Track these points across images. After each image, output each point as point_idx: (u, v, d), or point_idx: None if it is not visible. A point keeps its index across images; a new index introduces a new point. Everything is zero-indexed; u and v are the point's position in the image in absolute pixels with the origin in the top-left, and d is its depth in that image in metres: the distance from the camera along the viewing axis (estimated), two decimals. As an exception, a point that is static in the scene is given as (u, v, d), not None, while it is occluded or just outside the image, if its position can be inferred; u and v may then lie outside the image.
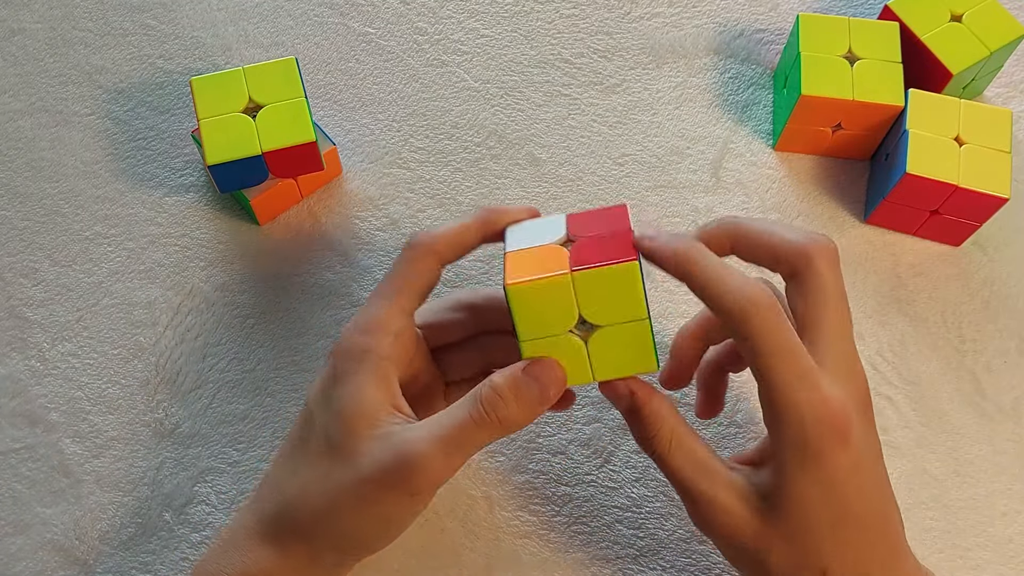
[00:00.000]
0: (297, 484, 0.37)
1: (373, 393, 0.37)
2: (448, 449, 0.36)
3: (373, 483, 0.36)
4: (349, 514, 0.37)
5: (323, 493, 0.37)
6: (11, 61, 0.59)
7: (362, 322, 0.38)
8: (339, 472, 0.36)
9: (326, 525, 0.37)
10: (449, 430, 0.36)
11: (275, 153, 0.49)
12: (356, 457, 0.36)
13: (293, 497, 0.37)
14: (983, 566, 0.46)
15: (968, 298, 0.52)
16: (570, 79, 0.58)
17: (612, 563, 0.45)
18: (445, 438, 0.36)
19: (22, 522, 0.46)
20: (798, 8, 0.61)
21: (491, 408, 0.36)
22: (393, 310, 0.38)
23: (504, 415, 0.36)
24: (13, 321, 0.51)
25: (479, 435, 0.36)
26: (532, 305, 0.35)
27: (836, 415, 0.35)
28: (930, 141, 0.50)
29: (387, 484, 0.36)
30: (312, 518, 0.37)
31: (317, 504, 0.37)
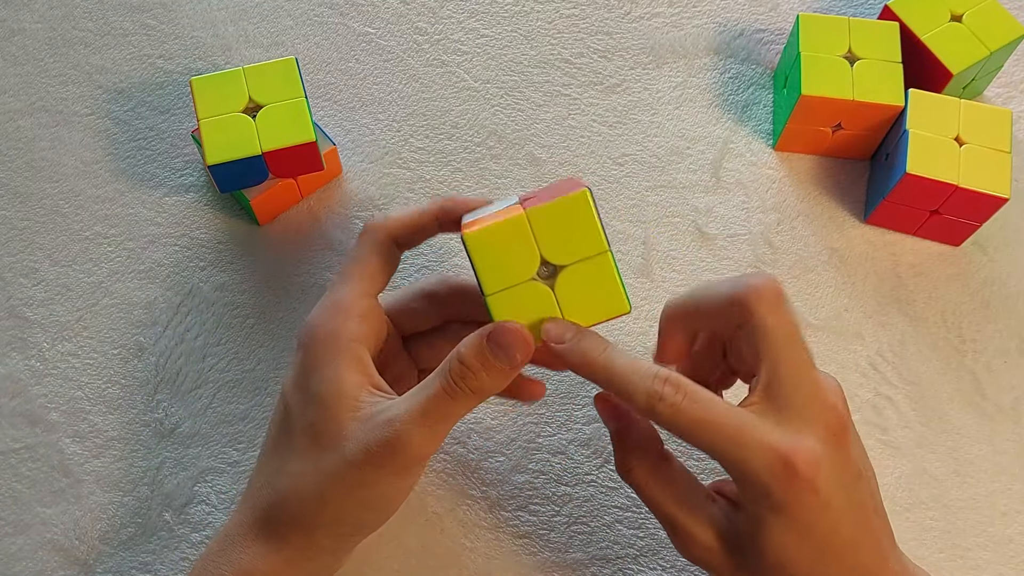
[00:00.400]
0: (286, 476, 0.37)
1: (349, 376, 0.37)
2: (429, 422, 0.36)
3: (361, 466, 0.36)
4: (342, 499, 0.37)
5: (314, 482, 0.37)
6: (11, 61, 0.59)
7: (327, 305, 0.39)
8: (327, 459, 0.36)
9: (320, 513, 0.37)
10: (427, 403, 0.36)
11: (275, 153, 0.49)
12: (341, 442, 0.36)
13: (284, 489, 0.37)
14: (983, 566, 0.46)
15: (968, 298, 0.52)
16: (570, 79, 0.58)
17: (612, 563, 0.45)
18: (425, 412, 0.36)
19: (22, 522, 0.46)
20: (798, 8, 0.61)
21: (461, 380, 0.36)
22: (355, 292, 0.39)
23: (475, 386, 0.36)
24: (13, 321, 0.51)
25: (455, 407, 0.36)
26: (492, 251, 0.36)
27: (793, 460, 0.34)
28: (930, 141, 0.50)
29: (376, 465, 0.36)
30: (305, 508, 0.37)
31: (309, 494, 0.37)
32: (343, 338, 0.38)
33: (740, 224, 0.54)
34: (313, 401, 0.37)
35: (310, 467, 0.37)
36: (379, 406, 0.36)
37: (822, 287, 0.52)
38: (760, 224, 0.54)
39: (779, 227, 0.54)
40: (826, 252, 0.53)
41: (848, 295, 0.52)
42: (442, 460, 0.47)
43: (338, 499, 0.37)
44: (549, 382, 0.49)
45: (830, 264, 0.53)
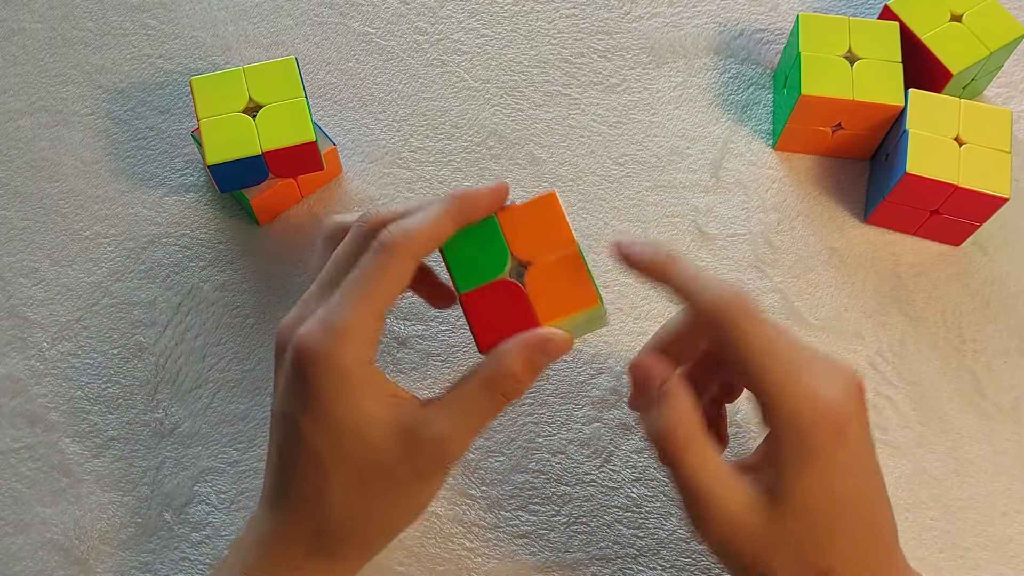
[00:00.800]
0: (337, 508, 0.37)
1: (373, 402, 0.37)
2: (472, 433, 0.38)
3: (412, 485, 0.38)
4: (396, 518, 0.39)
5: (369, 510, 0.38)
6: (11, 61, 0.59)
7: (340, 328, 0.36)
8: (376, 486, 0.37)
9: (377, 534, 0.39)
10: (472, 418, 0.37)
11: (275, 153, 0.49)
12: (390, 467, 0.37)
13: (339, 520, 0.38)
14: (983, 566, 0.46)
15: (968, 298, 0.52)
16: (570, 79, 0.58)
17: (612, 563, 0.45)
18: (473, 429, 0.37)
19: (22, 522, 0.46)
20: (798, 8, 0.61)
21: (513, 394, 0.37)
22: (369, 317, 0.36)
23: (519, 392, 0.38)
24: (13, 321, 0.51)
25: (495, 415, 0.38)
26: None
27: (832, 409, 0.35)
28: (930, 141, 0.50)
29: (426, 480, 0.38)
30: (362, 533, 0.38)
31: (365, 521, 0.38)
32: (357, 367, 0.36)
33: (740, 224, 0.54)
34: (343, 436, 0.37)
35: (359, 495, 0.37)
36: (414, 419, 0.37)
37: (822, 287, 0.52)
38: (760, 224, 0.54)
39: (779, 227, 0.54)
40: (826, 252, 0.53)
41: (848, 295, 0.52)
42: (442, 460, 0.47)
43: (390, 515, 0.38)
44: (548, 382, 0.49)
45: (830, 264, 0.53)
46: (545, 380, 0.49)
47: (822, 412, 0.35)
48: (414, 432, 0.37)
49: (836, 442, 0.35)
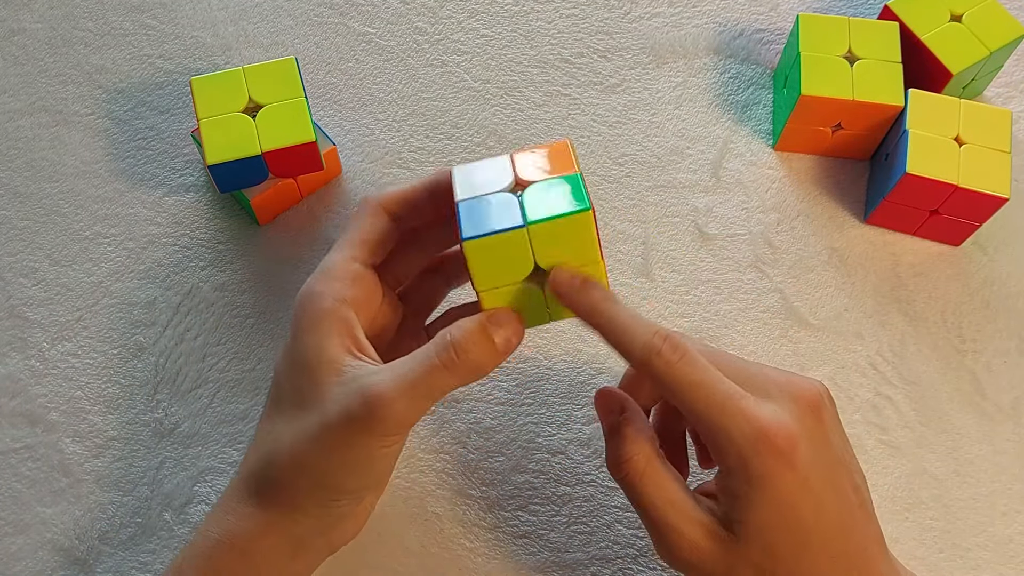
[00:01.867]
0: (271, 439, 0.38)
1: (333, 339, 0.37)
2: (414, 392, 0.36)
3: (339, 427, 0.36)
4: (321, 460, 0.37)
5: (295, 443, 0.37)
6: (11, 61, 0.59)
7: (316, 273, 0.39)
8: (308, 420, 0.37)
9: (300, 473, 0.37)
10: (416, 373, 0.36)
11: (275, 153, 0.49)
12: (322, 403, 0.36)
13: (269, 452, 0.38)
14: (983, 566, 0.46)
15: (968, 298, 0.52)
16: (570, 79, 0.58)
17: (612, 563, 0.45)
18: (411, 381, 0.36)
19: (22, 522, 0.46)
20: (798, 8, 0.61)
21: (462, 352, 0.36)
22: (343, 257, 0.39)
23: (468, 361, 0.36)
24: (13, 321, 0.51)
25: (446, 379, 0.36)
26: (488, 258, 0.36)
27: (773, 435, 0.34)
28: (930, 141, 0.50)
29: (353, 427, 0.36)
30: (287, 469, 0.37)
31: (290, 455, 0.37)
32: (328, 300, 0.38)
33: (740, 224, 0.54)
34: (297, 366, 0.38)
35: (292, 429, 0.37)
36: (363, 370, 0.36)
37: (822, 287, 0.52)
38: (760, 224, 0.54)
39: (779, 227, 0.54)
40: (826, 252, 0.53)
41: (848, 295, 0.52)
42: (442, 460, 0.47)
43: (317, 460, 0.37)
44: (548, 382, 0.49)
45: (830, 264, 0.53)
46: (545, 380, 0.49)
47: (762, 440, 0.34)
48: (358, 379, 0.36)
49: (783, 467, 0.35)
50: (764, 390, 0.37)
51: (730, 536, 0.36)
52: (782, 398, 0.36)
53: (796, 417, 0.36)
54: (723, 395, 0.35)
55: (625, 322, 0.36)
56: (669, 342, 0.35)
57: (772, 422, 0.35)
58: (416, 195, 0.40)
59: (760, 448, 0.34)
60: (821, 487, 0.36)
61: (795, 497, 0.35)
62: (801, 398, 0.36)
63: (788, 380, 0.37)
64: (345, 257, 0.39)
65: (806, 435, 0.35)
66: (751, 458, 0.34)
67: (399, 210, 0.40)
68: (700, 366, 0.36)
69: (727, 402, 0.35)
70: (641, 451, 0.38)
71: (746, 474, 0.35)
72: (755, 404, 0.35)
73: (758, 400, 0.36)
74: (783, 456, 0.34)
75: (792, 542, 0.35)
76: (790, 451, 0.35)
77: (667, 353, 0.35)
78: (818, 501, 0.35)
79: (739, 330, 0.51)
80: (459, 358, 0.36)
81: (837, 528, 0.36)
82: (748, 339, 0.51)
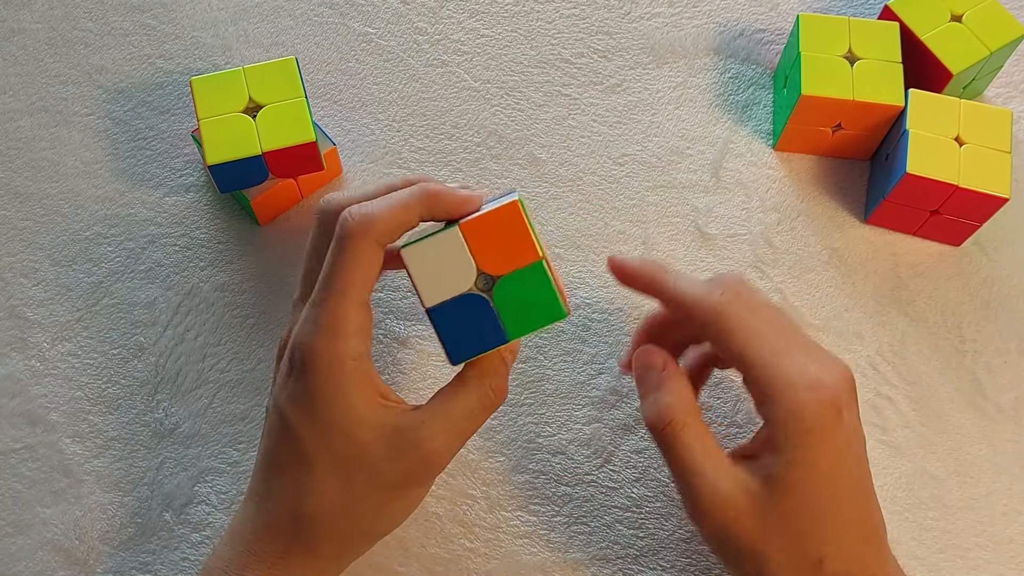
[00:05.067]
0: (316, 501, 0.37)
1: (361, 398, 0.37)
2: (460, 438, 0.38)
3: (397, 487, 0.38)
4: (373, 514, 0.38)
5: (347, 506, 0.37)
6: (11, 61, 0.59)
7: (324, 326, 0.37)
8: (358, 483, 0.37)
9: (350, 527, 0.38)
10: (462, 422, 0.38)
11: (275, 153, 0.49)
12: (371, 464, 0.37)
13: (315, 514, 0.38)
14: (983, 566, 0.46)
15: (968, 298, 0.52)
16: (570, 79, 0.58)
17: (612, 563, 0.45)
18: (461, 429, 0.38)
19: (22, 522, 0.46)
20: (798, 8, 0.61)
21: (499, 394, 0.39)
22: (351, 307, 0.37)
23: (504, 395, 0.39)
24: (13, 321, 0.51)
25: (485, 418, 0.39)
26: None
27: (828, 387, 0.36)
28: (930, 141, 0.50)
29: (410, 483, 0.38)
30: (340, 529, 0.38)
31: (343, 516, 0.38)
32: (348, 363, 0.37)
33: (740, 224, 0.54)
34: (329, 429, 0.37)
35: (340, 491, 0.37)
36: (402, 421, 0.37)
37: (822, 287, 0.52)
38: (760, 224, 0.54)
39: (779, 227, 0.54)
40: (826, 252, 0.53)
41: (848, 295, 0.52)
42: (442, 460, 0.47)
43: (371, 517, 0.38)
44: (548, 382, 0.49)
45: (830, 264, 0.53)
46: (545, 380, 0.49)
47: (819, 389, 0.36)
48: (403, 433, 0.37)
49: (834, 420, 0.36)
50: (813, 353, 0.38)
51: (766, 495, 0.36)
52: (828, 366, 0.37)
53: (842, 386, 0.37)
54: (790, 347, 0.37)
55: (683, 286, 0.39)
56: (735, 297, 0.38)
57: (830, 379, 0.36)
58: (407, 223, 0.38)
59: (817, 398, 0.35)
60: (857, 460, 0.37)
61: (840, 456, 0.36)
62: (844, 373, 0.38)
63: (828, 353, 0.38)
64: (352, 307, 0.37)
65: (847, 407, 0.37)
66: (807, 406, 0.35)
67: (389, 239, 0.37)
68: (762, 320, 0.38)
69: (794, 353, 0.37)
70: (684, 404, 0.38)
71: (799, 421, 0.35)
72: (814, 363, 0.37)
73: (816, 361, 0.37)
74: (837, 411, 0.36)
75: (825, 502, 0.36)
76: (839, 408, 0.36)
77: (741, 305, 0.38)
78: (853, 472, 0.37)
79: (739, 330, 0.51)
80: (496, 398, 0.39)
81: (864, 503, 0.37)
82: (748, 339, 0.51)
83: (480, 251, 0.37)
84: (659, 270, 0.40)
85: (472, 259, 0.37)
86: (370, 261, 0.37)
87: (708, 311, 0.38)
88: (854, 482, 0.37)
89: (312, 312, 0.37)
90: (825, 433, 0.35)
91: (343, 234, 0.37)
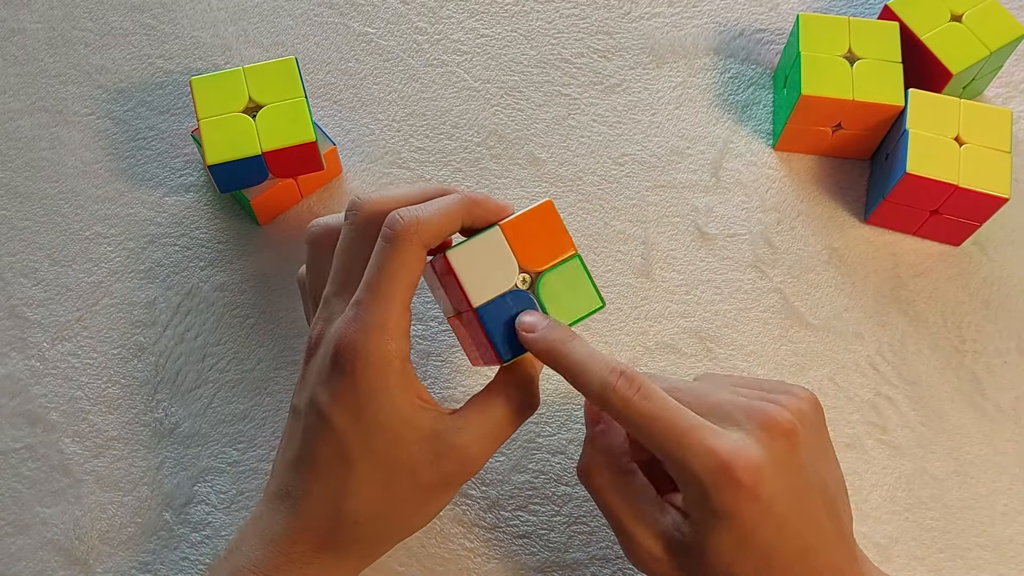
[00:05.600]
0: (357, 502, 0.37)
1: (406, 400, 0.37)
2: (495, 443, 0.38)
3: (436, 489, 0.38)
4: (411, 515, 0.39)
5: (389, 507, 0.38)
6: (11, 61, 0.59)
7: (374, 324, 0.36)
8: (399, 485, 0.37)
9: (385, 529, 0.39)
10: (497, 429, 0.38)
11: (275, 153, 0.49)
12: (413, 467, 0.37)
13: (356, 514, 0.38)
14: (983, 566, 0.46)
15: (968, 298, 0.52)
16: (570, 79, 0.58)
17: (612, 563, 0.45)
18: (494, 435, 0.38)
19: (22, 522, 0.46)
20: (798, 8, 0.61)
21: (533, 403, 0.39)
22: (397, 309, 0.37)
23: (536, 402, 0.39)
24: (13, 321, 0.51)
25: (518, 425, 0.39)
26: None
27: (733, 467, 0.34)
28: (930, 141, 0.50)
29: (448, 485, 0.38)
30: (379, 529, 0.38)
31: (384, 517, 0.38)
32: (395, 361, 0.37)
33: (740, 224, 0.54)
34: (374, 429, 0.37)
35: (381, 492, 0.37)
36: (441, 425, 0.37)
37: (822, 287, 0.52)
38: (760, 224, 0.54)
39: (779, 227, 0.54)
40: (826, 252, 0.53)
41: (848, 295, 0.52)
42: (442, 460, 0.47)
43: (407, 517, 0.39)
44: (549, 381, 0.49)
45: (830, 264, 0.53)
46: (545, 380, 0.49)
47: (722, 472, 0.34)
48: (443, 437, 0.37)
49: (744, 500, 0.34)
50: (731, 418, 0.36)
51: (688, 554, 0.36)
52: (751, 425, 0.36)
53: (764, 444, 0.35)
54: (682, 428, 0.35)
55: (582, 360, 0.37)
56: (624, 378, 0.36)
57: (733, 454, 0.34)
58: (451, 228, 0.38)
59: (720, 481, 0.34)
60: (786, 512, 0.35)
61: (756, 525, 0.35)
62: (773, 425, 0.36)
63: (760, 407, 0.36)
64: (397, 309, 0.37)
65: (773, 462, 0.35)
66: (712, 492, 0.34)
67: (435, 243, 0.38)
68: (657, 398, 0.36)
69: (687, 434, 0.35)
70: (606, 462, 0.39)
71: (707, 507, 0.35)
72: (716, 435, 0.35)
73: (719, 431, 0.35)
74: (744, 489, 0.34)
75: (752, 566, 0.36)
76: (752, 484, 0.34)
77: (622, 388, 0.36)
78: (781, 526, 0.35)
79: (739, 330, 0.51)
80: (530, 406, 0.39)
81: (801, 551, 0.36)
82: (748, 339, 0.51)
83: (520, 249, 0.38)
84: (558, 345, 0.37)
85: (514, 257, 0.38)
86: (417, 264, 0.37)
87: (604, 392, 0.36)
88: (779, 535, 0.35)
89: (358, 311, 0.37)
90: (736, 515, 0.35)
91: (393, 236, 0.37)
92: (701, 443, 0.35)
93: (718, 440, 0.35)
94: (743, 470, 0.34)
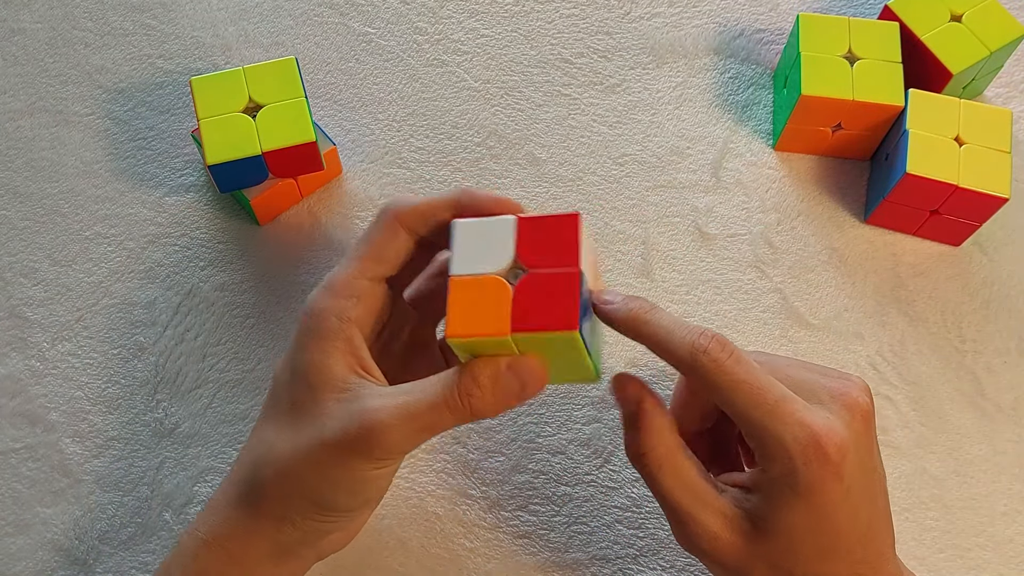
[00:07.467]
0: (265, 448, 0.38)
1: (336, 357, 0.37)
2: (413, 424, 0.35)
3: (334, 446, 0.36)
4: (313, 476, 0.37)
5: (290, 456, 0.37)
6: (11, 61, 0.59)
7: (324, 285, 0.38)
8: (304, 435, 0.36)
9: (290, 486, 0.37)
10: (417, 407, 0.35)
11: (275, 153, 0.49)
12: (319, 420, 0.36)
13: (258, 459, 0.38)
14: (983, 566, 0.46)
15: (968, 298, 0.52)
16: (570, 79, 0.58)
17: (612, 563, 0.45)
18: (412, 413, 0.35)
19: (22, 522, 0.46)
20: (798, 8, 0.61)
21: (466, 396, 0.35)
22: (356, 272, 0.38)
23: (477, 405, 0.35)
24: (13, 321, 0.51)
25: (447, 419, 0.36)
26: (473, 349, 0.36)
27: (824, 443, 0.34)
28: (930, 141, 0.50)
29: (348, 449, 0.36)
30: (279, 479, 0.37)
31: (282, 464, 0.37)
32: (332, 319, 0.37)
33: (740, 224, 0.54)
34: (298, 379, 0.37)
35: (288, 441, 0.37)
36: (365, 390, 0.36)
37: (822, 287, 0.52)
38: (760, 224, 0.54)
39: (779, 227, 0.54)
40: (826, 252, 0.53)
41: (848, 295, 0.52)
42: (442, 460, 0.47)
43: (309, 476, 0.37)
44: (549, 382, 0.49)
45: (830, 264, 0.53)
46: (545, 380, 0.49)
47: (814, 447, 0.34)
48: (359, 399, 0.36)
49: (831, 477, 0.34)
50: (816, 396, 0.36)
51: (752, 530, 0.36)
52: (835, 405, 0.36)
53: (847, 424, 0.35)
54: (775, 396, 0.35)
55: (668, 326, 0.36)
56: (716, 341, 0.35)
57: (826, 429, 0.34)
58: (434, 213, 0.39)
59: (811, 455, 0.34)
60: (860, 496, 0.35)
61: (835, 506, 0.35)
62: (854, 406, 0.36)
63: (841, 387, 0.37)
64: (352, 273, 0.38)
65: (855, 444, 0.35)
66: (800, 466, 0.34)
67: (415, 224, 0.39)
68: (750, 366, 0.35)
69: (779, 404, 0.35)
70: (661, 443, 0.37)
71: (792, 480, 0.34)
72: (807, 410, 0.35)
73: (809, 406, 0.35)
74: (832, 466, 0.34)
75: (818, 546, 0.35)
76: (839, 461, 0.34)
77: (715, 351, 0.35)
78: (854, 510, 0.35)
79: (739, 330, 0.51)
80: (462, 403, 0.35)
81: (864, 535, 0.36)
82: (748, 339, 0.51)
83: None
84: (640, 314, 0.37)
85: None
86: (388, 237, 0.38)
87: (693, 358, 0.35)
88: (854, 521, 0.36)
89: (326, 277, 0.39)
90: (819, 491, 0.34)
91: (377, 214, 0.39)
92: (794, 415, 0.34)
93: (810, 415, 0.35)
94: (834, 447, 0.34)
